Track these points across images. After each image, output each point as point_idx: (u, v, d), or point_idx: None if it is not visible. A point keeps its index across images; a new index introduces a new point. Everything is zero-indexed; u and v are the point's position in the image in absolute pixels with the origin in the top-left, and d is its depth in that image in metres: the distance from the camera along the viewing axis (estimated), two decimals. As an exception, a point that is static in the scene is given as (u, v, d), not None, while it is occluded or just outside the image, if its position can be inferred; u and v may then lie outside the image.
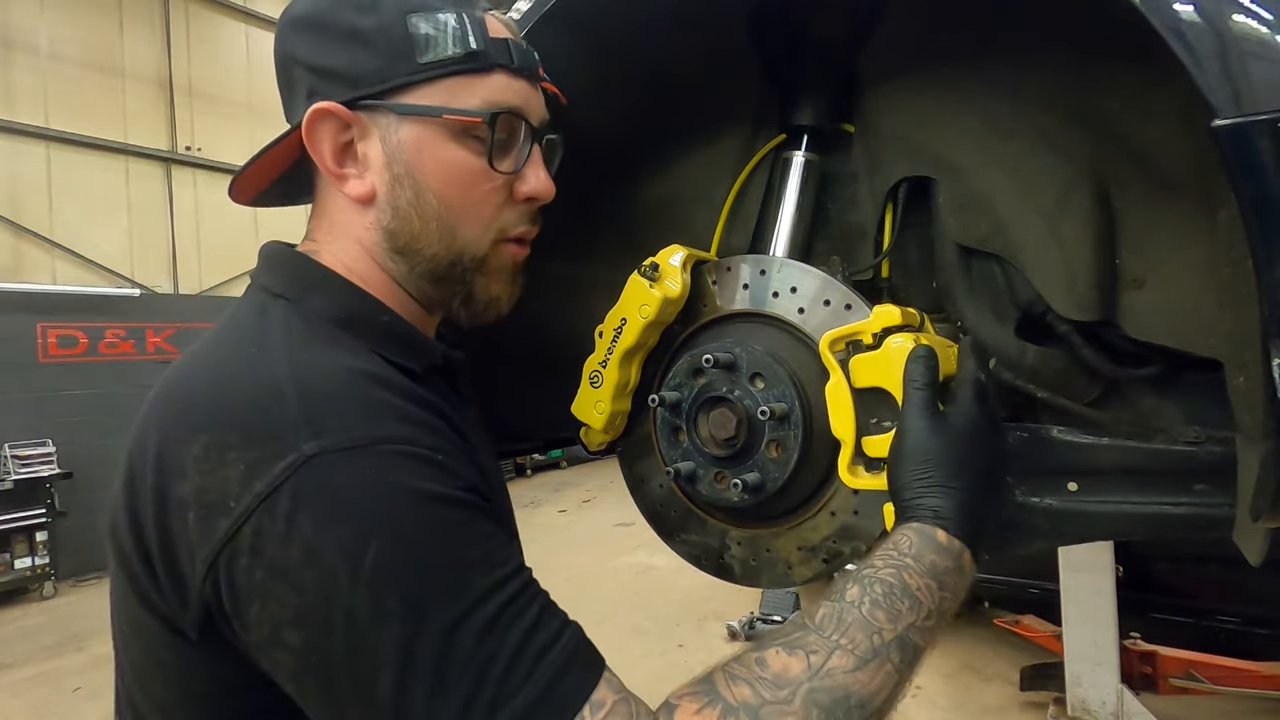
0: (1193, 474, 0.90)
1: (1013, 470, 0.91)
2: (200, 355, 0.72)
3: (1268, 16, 0.63)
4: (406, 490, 0.61)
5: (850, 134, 1.14)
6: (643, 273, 1.03)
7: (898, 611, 0.70)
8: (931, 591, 0.73)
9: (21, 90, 7.50)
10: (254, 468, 0.60)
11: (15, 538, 6.59)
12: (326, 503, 0.59)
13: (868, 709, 0.64)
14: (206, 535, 0.60)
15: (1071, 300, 0.96)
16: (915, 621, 0.70)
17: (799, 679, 0.63)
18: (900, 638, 0.68)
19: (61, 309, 7.28)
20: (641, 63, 1.08)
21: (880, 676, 0.66)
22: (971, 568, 0.77)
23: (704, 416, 1.02)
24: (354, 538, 0.58)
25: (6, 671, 5.14)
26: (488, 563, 0.62)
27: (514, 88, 0.79)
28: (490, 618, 0.59)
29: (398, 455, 0.62)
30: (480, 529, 0.64)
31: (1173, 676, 3.70)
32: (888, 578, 0.72)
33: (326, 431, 0.61)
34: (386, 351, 0.74)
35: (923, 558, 0.74)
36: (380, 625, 0.57)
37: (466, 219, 0.79)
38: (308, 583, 0.58)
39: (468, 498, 0.64)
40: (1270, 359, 0.64)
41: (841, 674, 0.64)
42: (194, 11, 8.89)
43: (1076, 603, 3.86)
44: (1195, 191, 0.85)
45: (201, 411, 0.65)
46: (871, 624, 0.68)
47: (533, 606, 0.62)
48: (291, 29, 0.78)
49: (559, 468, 12.17)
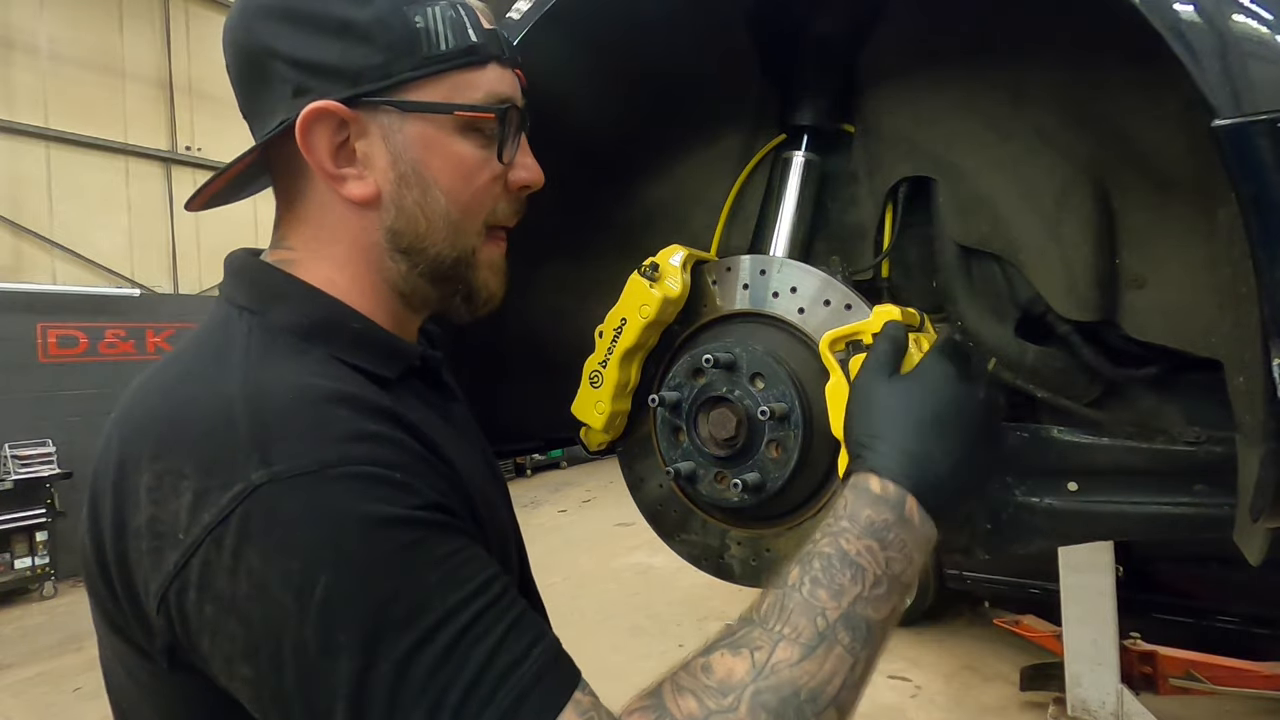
0: (1193, 474, 0.90)
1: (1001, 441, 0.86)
2: (159, 373, 0.71)
3: (1268, 16, 0.63)
4: (357, 517, 0.58)
5: (850, 134, 1.14)
6: (643, 273, 1.03)
7: (840, 586, 0.65)
8: (874, 554, 0.67)
9: (21, 90, 7.51)
10: (202, 498, 0.58)
11: (15, 538, 6.60)
12: (274, 535, 0.57)
13: (820, 700, 0.60)
14: (157, 566, 0.59)
15: (1071, 300, 0.96)
16: (861, 593, 0.65)
17: (744, 682, 0.60)
18: (846, 615, 0.64)
19: (61, 309, 7.29)
20: (641, 62, 1.08)
21: (831, 661, 0.62)
22: (923, 521, 0.71)
23: (704, 416, 1.02)
24: (302, 571, 0.56)
25: (6, 671, 5.14)
26: (446, 584, 0.59)
27: (506, 78, 0.78)
28: (449, 642, 0.56)
29: (348, 478, 0.59)
30: (438, 549, 0.61)
31: (1173, 676, 3.70)
32: (825, 549, 0.67)
33: (276, 458, 0.59)
34: (355, 359, 0.72)
35: (858, 516, 0.69)
36: (331, 659, 0.55)
37: (470, 214, 0.78)
38: (255, 617, 0.56)
39: (425, 516, 0.61)
40: (1270, 359, 0.64)
41: (787, 668, 0.60)
42: (194, 11, 8.90)
43: (1076, 603, 3.87)
44: (1195, 192, 0.85)
45: (156, 436, 0.63)
46: (814, 606, 0.64)
47: (499, 625, 0.59)
48: (265, 18, 0.72)
49: (559, 468, 12.18)
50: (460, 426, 0.86)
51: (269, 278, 0.76)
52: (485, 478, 0.84)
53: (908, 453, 0.73)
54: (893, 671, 4.66)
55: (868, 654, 0.64)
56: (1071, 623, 3.87)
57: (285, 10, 0.72)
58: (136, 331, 7.76)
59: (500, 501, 0.87)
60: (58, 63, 7.77)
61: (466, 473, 0.73)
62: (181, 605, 0.59)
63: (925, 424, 0.75)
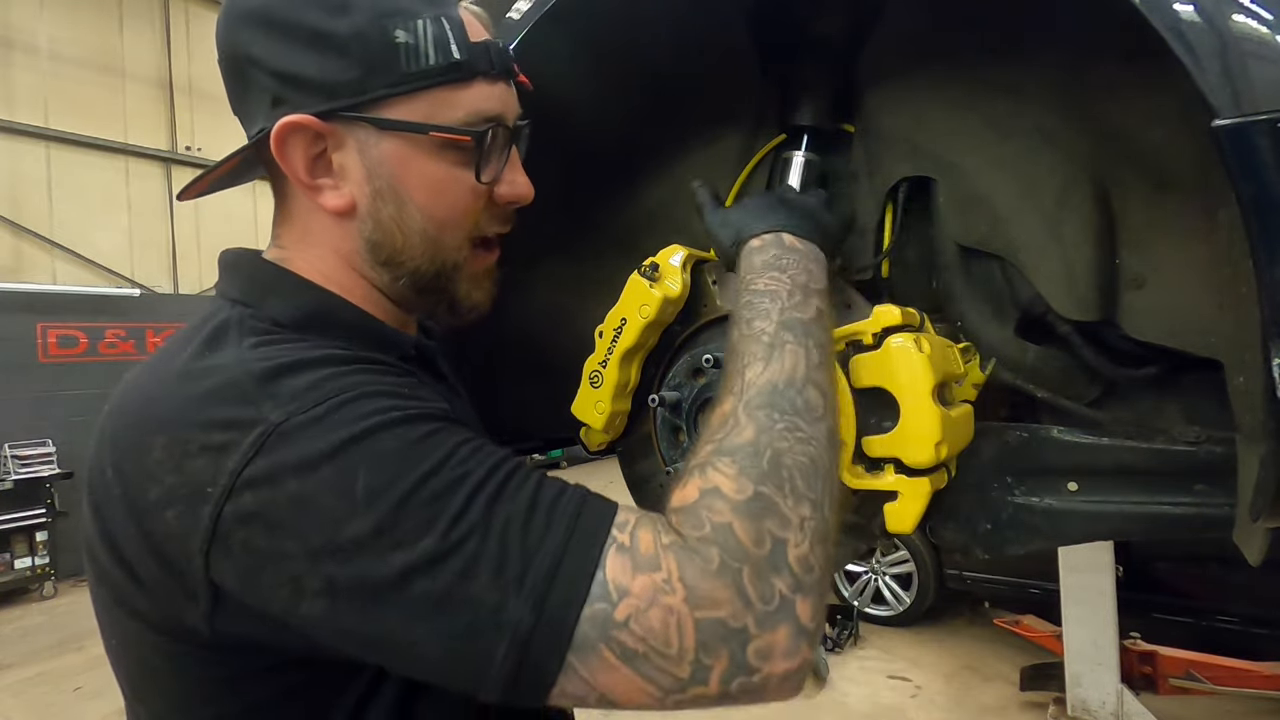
0: (1193, 474, 0.90)
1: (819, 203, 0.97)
2: (153, 365, 0.70)
3: (1268, 16, 0.63)
4: (377, 421, 0.60)
5: (850, 134, 1.14)
6: (643, 273, 1.03)
7: (765, 310, 0.75)
8: (778, 279, 0.79)
9: (21, 90, 7.50)
10: (223, 450, 0.59)
11: (15, 538, 6.59)
12: (303, 456, 0.58)
13: (796, 382, 0.69)
14: (194, 525, 0.59)
15: (1071, 300, 0.96)
16: (784, 305, 0.76)
17: (733, 407, 0.68)
18: (781, 323, 0.74)
19: (61, 309, 7.28)
20: (641, 62, 1.08)
21: (788, 356, 0.71)
22: (805, 245, 0.85)
23: (704, 416, 1.02)
24: (339, 474, 0.58)
25: (6, 671, 5.14)
26: (475, 454, 0.62)
27: (494, 94, 0.76)
28: (496, 489, 0.60)
29: (362, 398, 0.62)
30: (457, 434, 0.64)
31: (1173, 676, 3.71)
32: (745, 300, 0.79)
33: (289, 401, 0.60)
34: (350, 347, 0.72)
35: (753, 266, 0.82)
36: (390, 536, 0.57)
37: (448, 230, 0.77)
38: (309, 527, 0.57)
39: (437, 412, 0.65)
40: (1270, 359, 0.64)
41: (757, 378, 0.69)
42: (194, 11, 8.90)
43: (1076, 603, 3.87)
44: (1195, 192, 0.85)
45: (154, 416, 0.63)
46: (756, 333, 0.74)
47: (531, 477, 0.63)
48: (246, 24, 0.72)
49: (559, 468, 12.17)
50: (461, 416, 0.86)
51: (262, 271, 0.76)
52: None
53: (761, 213, 0.89)
54: (893, 671, 4.67)
55: (813, 342, 0.74)
56: (1071, 623, 3.88)
57: (265, 18, 0.70)
58: (136, 331, 7.75)
59: None
60: (58, 63, 7.77)
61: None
62: (230, 550, 0.58)
63: (769, 202, 0.92)
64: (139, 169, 8.43)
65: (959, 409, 0.92)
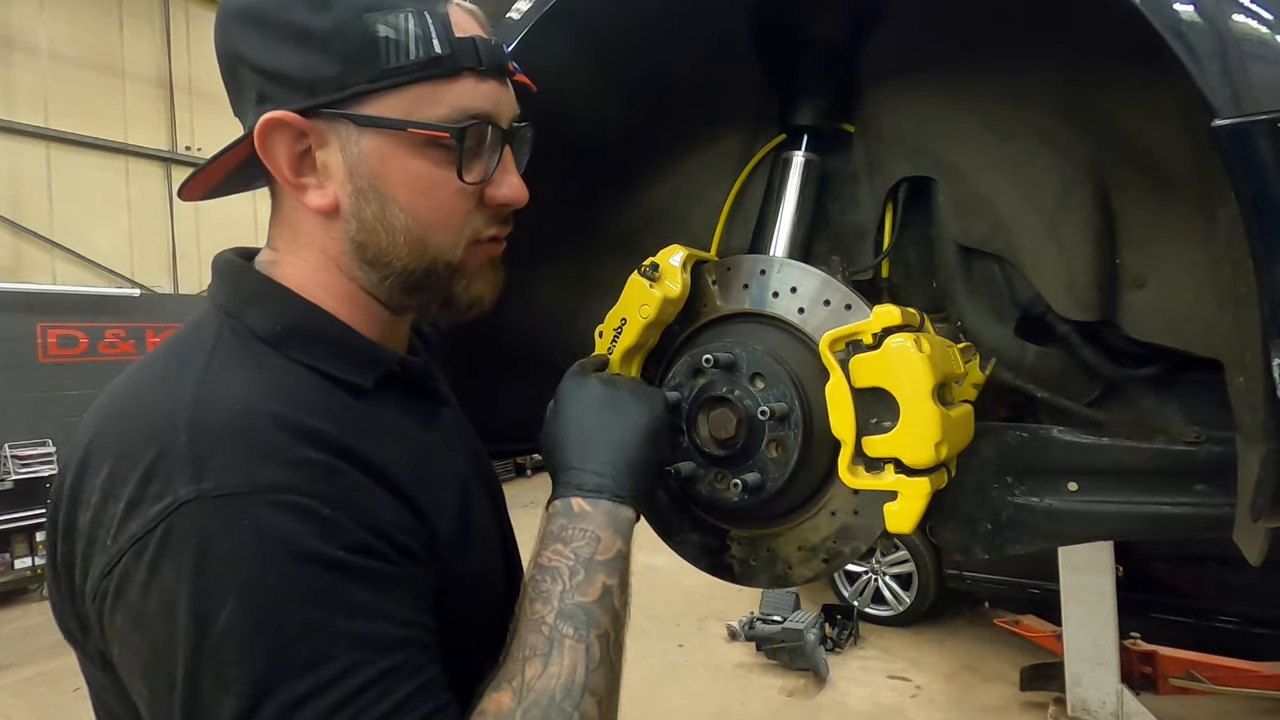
0: (1193, 474, 0.90)
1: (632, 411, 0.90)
2: (132, 372, 0.71)
3: (1268, 16, 0.64)
4: (277, 548, 0.57)
5: (850, 134, 1.14)
6: (643, 273, 1.03)
7: (546, 592, 0.73)
8: (560, 553, 0.76)
9: (21, 90, 7.50)
10: (134, 507, 0.58)
11: (15, 538, 6.60)
12: (190, 555, 0.56)
13: (574, 692, 0.67)
14: (91, 569, 0.60)
15: (1071, 300, 0.96)
16: (564, 589, 0.73)
17: (511, 710, 0.65)
18: (559, 612, 0.71)
19: (61, 309, 7.28)
20: (641, 63, 1.08)
21: (567, 655, 0.68)
22: (595, 508, 0.80)
23: (704, 416, 1.02)
24: (211, 595, 0.55)
25: (6, 671, 5.14)
26: (355, 636, 0.58)
27: (482, 91, 0.73)
28: (344, 697, 0.55)
29: (277, 507, 0.58)
30: (355, 597, 0.59)
31: (1173, 676, 3.71)
32: (530, 574, 0.76)
33: (208, 474, 0.58)
34: (328, 367, 0.71)
35: (542, 534, 0.79)
36: (221, 692, 0.54)
37: (436, 229, 0.74)
38: (159, 637, 0.56)
39: (347, 559, 0.59)
40: (1270, 359, 0.64)
41: (538, 681, 0.67)
42: (194, 11, 8.90)
43: (1076, 603, 3.87)
44: (1195, 191, 0.85)
45: (111, 438, 0.64)
46: (534, 620, 0.71)
47: (399, 690, 0.58)
48: (235, 23, 0.71)
49: (559, 468, 12.15)
50: (445, 432, 0.85)
51: (249, 280, 0.75)
52: (470, 482, 0.82)
53: (558, 468, 0.84)
54: (893, 671, 4.67)
55: (597, 633, 0.71)
56: (1071, 623, 3.87)
57: (252, 16, 0.70)
58: (136, 331, 7.74)
59: (487, 506, 0.86)
60: (58, 63, 7.77)
61: (431, 493, 0.72)
62: (100, 610, 0.59)
63: (561, 440, 0.87)
64: (139, 169, 8.43)
65: (959, 409, 0.92)
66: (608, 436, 0.86)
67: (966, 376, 0.99)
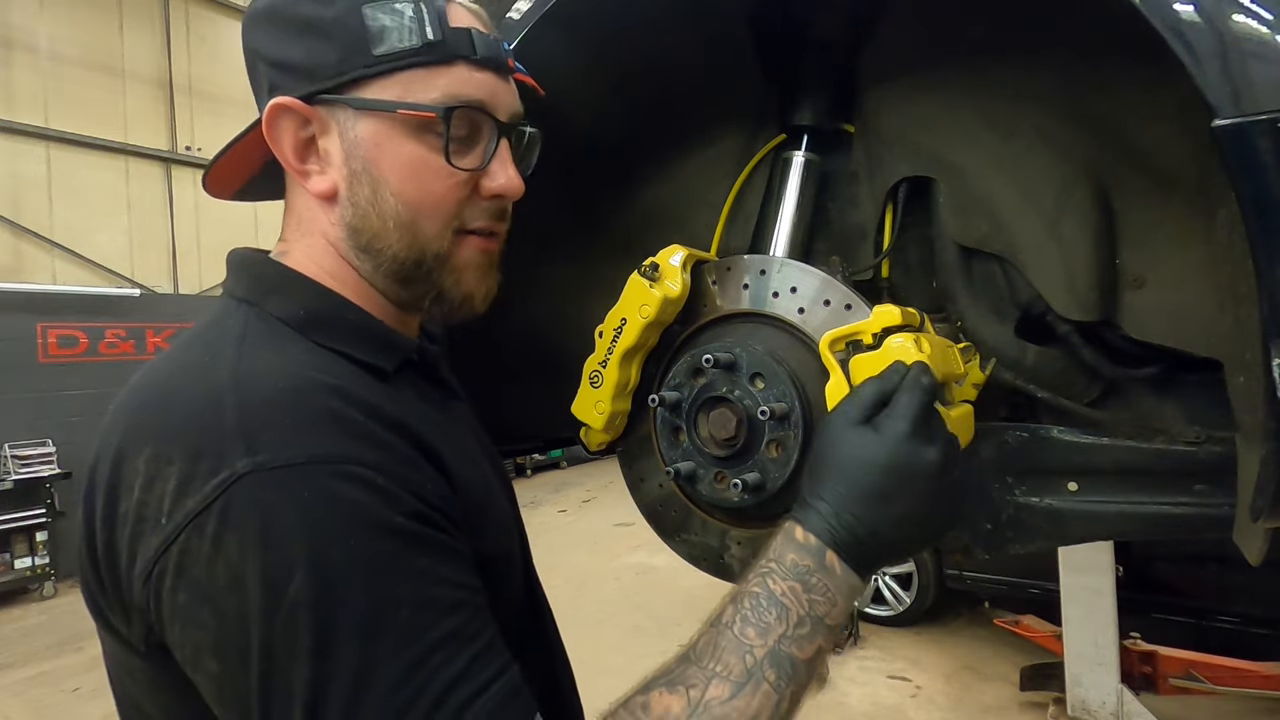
0: (1193, 474, 0.91)
1: (950, 496, 0.79)
2: (156, 364, 0.71)
3: (1268, 16, 0.64)
4: (339, 519, 0.58)
5: (850, 134, 1.14)
6: (643, 273, 1.03)
7: (766, 625, 0.68)
8: (797, 595, 0.70)
9: (21, 90, 7.50)
10: (187, 484, 0.58)
11: (15, 538, 6.60)
12: (254, 526, 0.57)
13: None
14: (141, 551, 0.60)
15: (1071, 300, 0.96)
16: (786, 632, 0.68)
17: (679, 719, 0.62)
18: (772, 652, 0.66)
19: (61, 309, 7.28)
20: (641, 63, 1.08)
21: (758, 699, 0.64)
22: (844, 574, 0.71)
23: (704, 416, 1.02)
24: (279, 566, 0.56)
25: (6, 671, 5.14)
26: (419, 600, 0.59)
27: (476, 80, 0.75)
28: (414, 662, 0.56)
29: (335, 477, 0.59)
30: (414, 562, 0.60)
31: (1173, 676, 3.71)
32: (754, 589, 0.70)
33: (262, 447, 0.58)
34: (352, 350, 0.72)
35: (784, 558, 0.71)
36: (296, 662, 0.55)
37: (426, 216, 0.76)
38: (228, 609, 0.56)
39: (405, 525, 0.60)
40: (1270, 359, 0.64)
41: (719, 705, 0.63)
42: (194, 11, 8.89)
43: (1076, 603, 3.87)
44: (1195, 191, 0.85)
45: (147, 424, 0.64)
46: (743, 644, 0.67)
47: (465, 651, 0.59)
48: (253, 22, 0.76)
49: (559, 468, 12.17)
50: (460, 422, 0.86)
51: (267, 270, 0.77)
52: (487, 472, 0.83)
53: (837, 515, 0.73)
54: (893, 671, 4.67)
55: (792, 690, 0.67)
56: (1071, 623, 3.87)
57: (269, 14, 0.74)
58: (136, 331, 7.75)
59: (504, 495, 0.87)
60: (58, 63, 7.77)
61: (462, 469, 0.73)
62: (159, 590, 0.59)
63: (864, 489, 0.73)
64: (139, 169, 8.43)
65: (959, 409, 0.92)
66: (892, 511, 0.73)
67: (966, 376, 0.99)
